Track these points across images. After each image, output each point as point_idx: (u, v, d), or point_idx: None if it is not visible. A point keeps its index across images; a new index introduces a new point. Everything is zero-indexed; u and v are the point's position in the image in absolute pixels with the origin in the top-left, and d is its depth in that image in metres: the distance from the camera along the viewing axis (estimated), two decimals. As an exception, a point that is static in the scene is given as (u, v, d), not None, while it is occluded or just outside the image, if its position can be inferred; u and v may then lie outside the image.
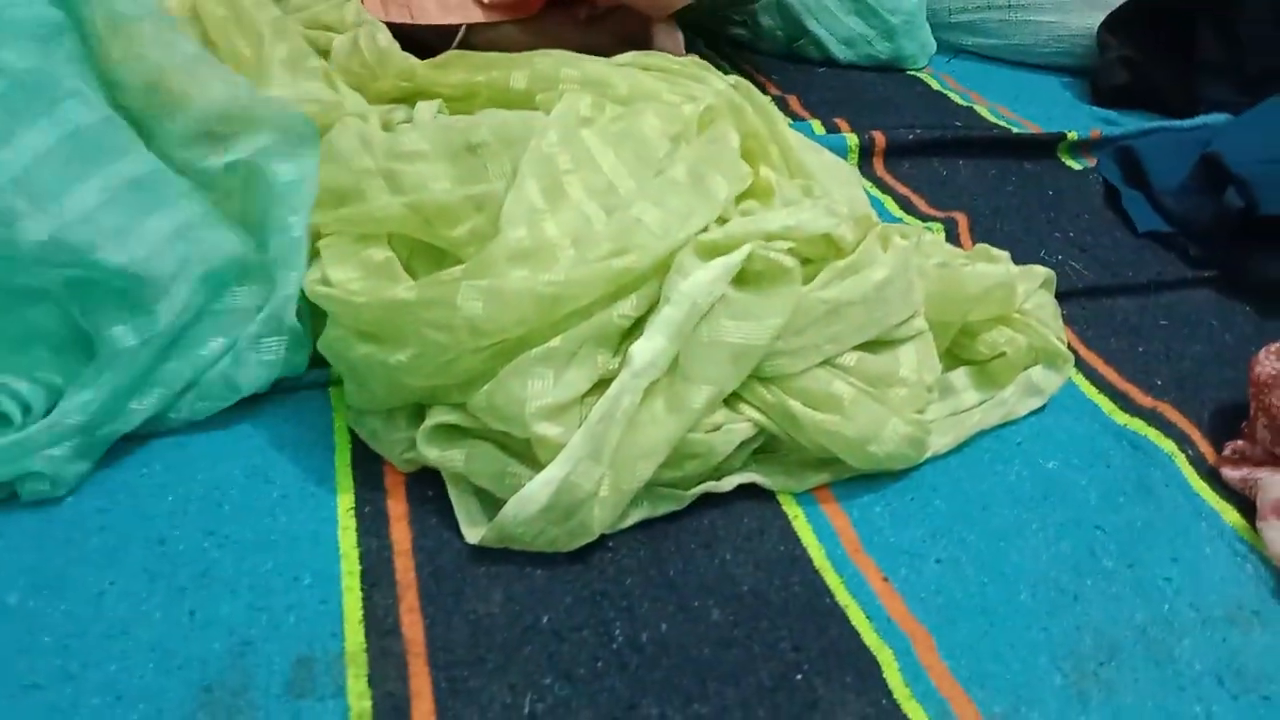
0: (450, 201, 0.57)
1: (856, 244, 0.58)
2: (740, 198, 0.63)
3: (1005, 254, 0.71)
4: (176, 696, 0.41)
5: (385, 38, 0.82)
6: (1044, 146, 1.03)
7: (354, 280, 0.56)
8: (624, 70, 0.72)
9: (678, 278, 0.53)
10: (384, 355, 0.52)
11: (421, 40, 0.92)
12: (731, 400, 0.54)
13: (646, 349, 0.51)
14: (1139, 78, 1.19)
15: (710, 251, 0.54)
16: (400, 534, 0.50)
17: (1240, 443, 0.60)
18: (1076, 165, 1.03)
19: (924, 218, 0.89)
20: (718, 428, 0.53)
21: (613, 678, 0.44)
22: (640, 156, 0.61)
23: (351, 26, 0.85)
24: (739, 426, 0.53)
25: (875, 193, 0.94)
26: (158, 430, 0.54)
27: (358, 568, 0.48)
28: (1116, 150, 1.00)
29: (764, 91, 1.15)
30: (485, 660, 0.44)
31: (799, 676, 0.44)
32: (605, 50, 0.87)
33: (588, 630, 0.46)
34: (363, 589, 0.47)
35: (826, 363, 0.55)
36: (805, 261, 0.57)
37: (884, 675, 0.45)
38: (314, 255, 0.60)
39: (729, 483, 0.54)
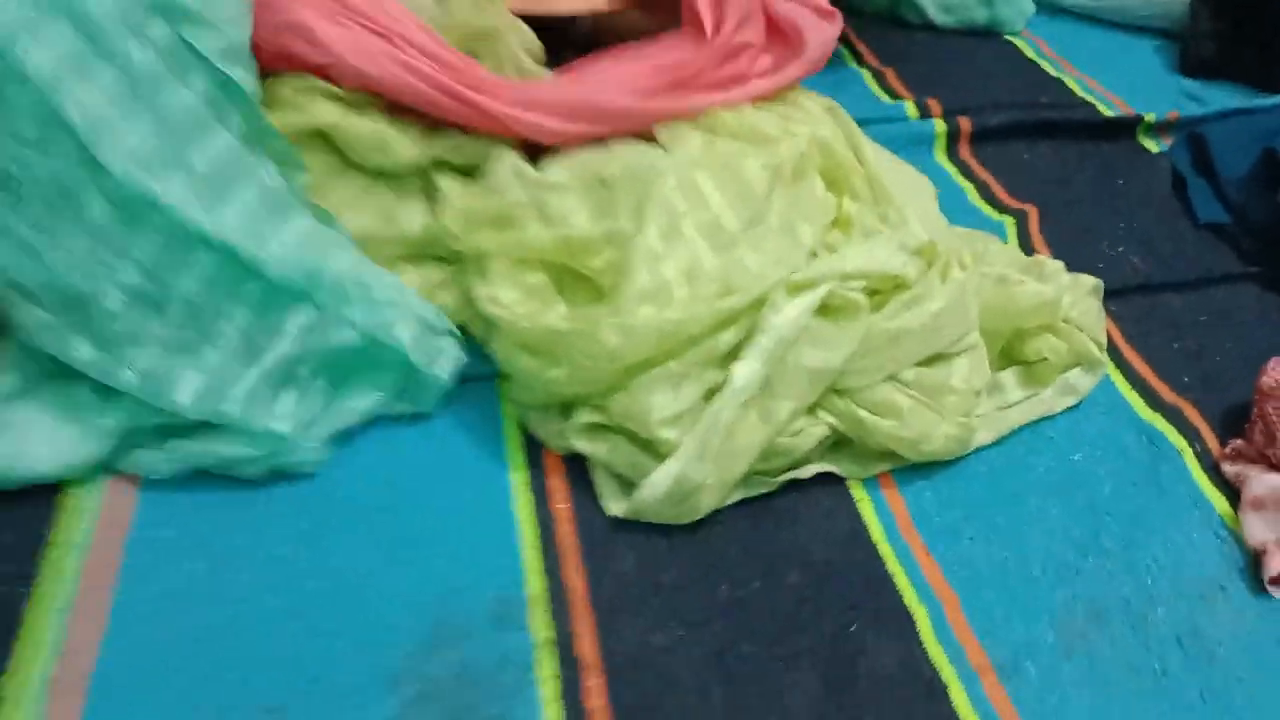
0: (591, 237, 0.72)
1: (920, 277, 0.71)
2: (826, 226, 0.76)
3: (1060, 266, 0.83)
4: (418, 625, 0.59)
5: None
6: (1124, 127, 1.11)
7: (517, 302, 0.72)
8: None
9: (770, 313, 0.67)
10: (543, 370, 0.68)
11: (549, 25, 1.01)
12: (811, 406, 0.69)
13: (744, 371, 0.66)
14: (1227, 51, 1.24)
15: (797, 289, 0.68)
16: (561, 506, 0.67)
17: (1240, 442, 0.72)
18: (1154, 147, 1.11)
19: (1000, 207, 1.00)
20: (799, 432, 0.68)
21: (716, 624, 0.61)
22: (742, 195, 0.75)
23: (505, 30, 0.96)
24: (816, 430, 0.68)
25: (959, 180, 1.04)
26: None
27: (535, 533, 0.65)
28: (1188, 136, 1.08)
29: (864, 62, 1.25)
30: (626, 607, 0.61)
31: (853, 628, 0.61)
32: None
33: (698, 587, 0.63)
34: (540, 549, 0.64)
35: (889, 377, 0.69)
36: (875, 293, 0.70)
37: (918, 629, 0.61)
38: (479, 272, 0.76)
39: (808, 471, 0.70)
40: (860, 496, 0.69)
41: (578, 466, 0.70)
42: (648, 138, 0.84)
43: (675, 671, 0.58)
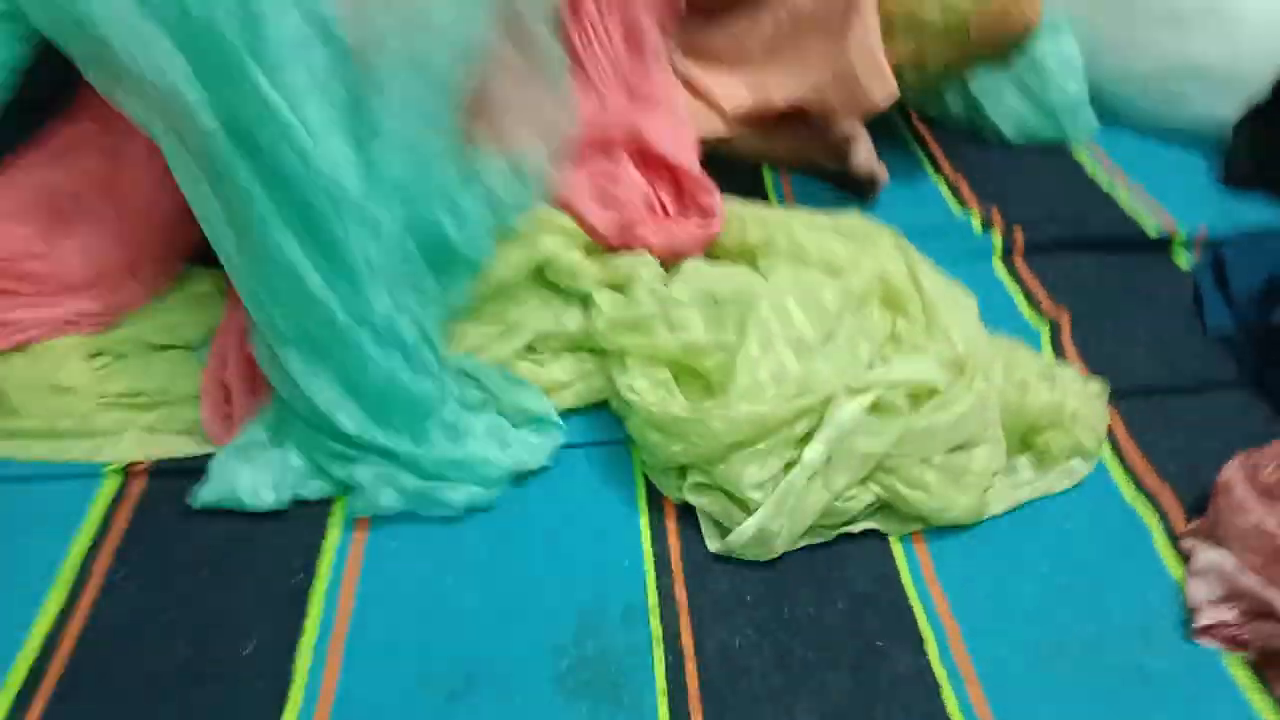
0: (705, 344, 0.98)
1: (951, 385, 0.95)
2: (881, 342, 1.00)
3: (1074, 373, 1.05)
4: (571, 618, 0.86)
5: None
6: (1158, 245, 1.32)
7: (648, 391, 0.98)
8: (816, 236, 1.09)
9: (834, 410, 0.92)
10: (666, 445, 0.94)
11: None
12: (861, 479, 0.93)
13: (812, 452, 0.91)
14: (1262, 170, 1.42)
15: (855, 393, 0.93)
16: (674, 542, 0.93)
17: (1197, 523, 0.93)
18: (1184, 262, 1.30)
19: (1041, 313, 1.22)
20: (852, 497, 0.92)
21: (781, 633, 0.86)
22: (819, 316, 0.99)
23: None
24: (865, 496, 0.93)
25: (1010, 287, 1.26)
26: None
27: (654, 560, 0.91)
28: (1210, 254, 1.27)
29: (940, 172, 1.48)
30: (717, 617, 0.87)
31: (880, 643, 0.85)
32: (815, 154, 1.25)
33: (770, 605, 0.88)
34: (655, 572, 0.90)
35: (922, 460, 0.93)
36: (914, 396, 0.94)
37: (927, 649, 0.85)
38: (620, 366, 1.02)
39: (858, 527, 0.94)
40: (896, 548, 0.93)
41: (688, 513, 0.96)
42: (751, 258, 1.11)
43: (749, 664, 0.83)
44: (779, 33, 1.37)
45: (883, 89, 1.29)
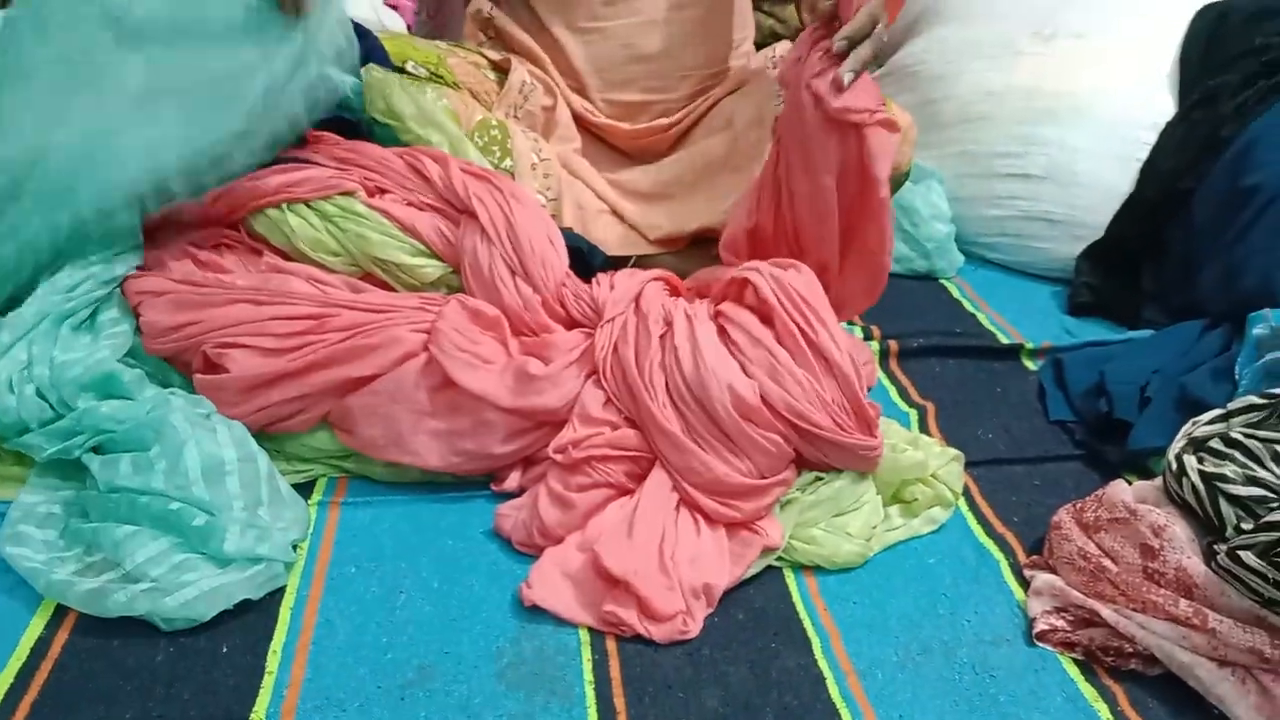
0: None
1: (832, 443, 1.14)
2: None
3: (933, 441, 1.25)
4: (511, 625, 1.00)
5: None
6: (1011, 352, 1.56)
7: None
8: (723, 327, 1.30)
9: (736, 457, 1.10)
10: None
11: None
12: (760, 518, 1.11)
13: (718, 491, 1.08)
14: (1098, 298, 1.69)
15: (753, 443, 1.11)
16: (599, 570, 1.08)
17: (1037, 556, 1.12)
18: (1032, 366, 1.55)
19: (911, 403, 1.43)
20: (752, 535, 1.10)
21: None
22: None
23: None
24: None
25: (886, 382, 1.48)
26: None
27: (581, 583, 1.06)
28: (1052, 359, 1.52)
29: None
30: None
31: (774, 644, 1.00)
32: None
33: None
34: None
35: (812, 524, 1.11)
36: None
37: (813, 648, 1.00)
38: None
39: (757, 566, 1.10)
40: (789, 576, 1.10)
41: (611, 547, 1.11)
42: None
43: (663, 660, 0.98)
44: (695, 174, 1.63)
45: (777, 217, 1.53)
